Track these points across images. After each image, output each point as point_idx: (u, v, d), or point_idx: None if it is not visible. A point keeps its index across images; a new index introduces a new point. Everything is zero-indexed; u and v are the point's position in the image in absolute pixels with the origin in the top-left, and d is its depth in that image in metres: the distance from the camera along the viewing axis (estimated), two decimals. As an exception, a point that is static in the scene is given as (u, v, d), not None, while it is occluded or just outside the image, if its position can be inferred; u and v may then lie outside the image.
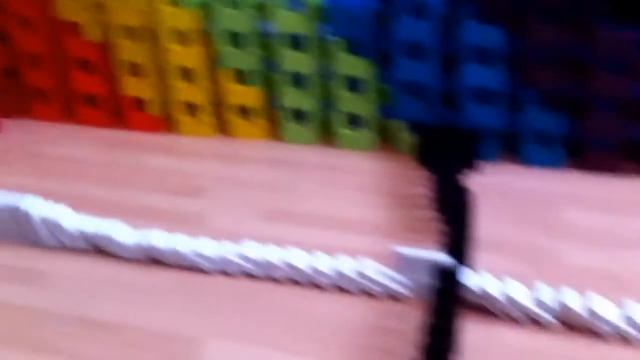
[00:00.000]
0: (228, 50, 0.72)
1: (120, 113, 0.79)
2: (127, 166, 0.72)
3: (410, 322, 0.53)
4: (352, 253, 0.57)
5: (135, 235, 0.59)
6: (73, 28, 0.75)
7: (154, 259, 0.59)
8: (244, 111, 0.76)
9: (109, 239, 0.59)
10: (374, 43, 0.69)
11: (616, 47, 0.63)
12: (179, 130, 0.77)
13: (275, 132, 0.76)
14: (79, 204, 0.65)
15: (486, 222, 0.60)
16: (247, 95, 0.74)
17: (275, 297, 0.56)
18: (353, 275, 0.55)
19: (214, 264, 0.58)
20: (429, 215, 0.63)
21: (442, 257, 0.52)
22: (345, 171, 0.70)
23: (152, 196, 0.67)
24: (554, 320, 0.51)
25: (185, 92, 0.75)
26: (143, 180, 0.70)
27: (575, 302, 0.50)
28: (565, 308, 0.50)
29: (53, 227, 0.60)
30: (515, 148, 0.69)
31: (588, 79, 0.65)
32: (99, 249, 0.60)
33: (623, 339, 0.50)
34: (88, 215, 0.62)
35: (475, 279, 0.52)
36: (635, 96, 0.64)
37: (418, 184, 0.67)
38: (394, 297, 0.55)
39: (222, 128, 0.77)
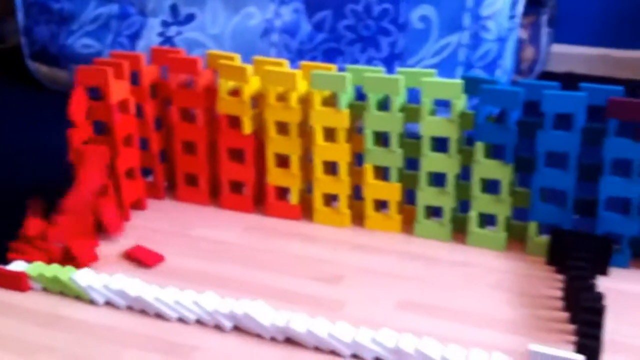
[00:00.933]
0: (373, 149, 0.77)
1: (262, 200, 0.84)
2: (267, 251, 0.76)
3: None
4: (484, 348, 0.58)
5: (275, 316, 0.63)
6: (230, 121, 0.81)
7: (291, 340, 0.62)
8: (380, 205, 0.80)
9: (250, 318, 0.63)
10: (516, 150, 0.72)
11: None
12: (317, 219, 0.81)
13: (408, 227, 0.79)
14: (219, 284, 0.70)
15: (616, 326, 0.62)
16: (386, 190, 0.78)
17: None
18: (486, 368, 0.56)
19: (348, 348, 0.60)
20: (561, 316, 0.64)
21: (576, 357, 0.53)
22: (477, 268, 0.72)
23: (290, 280, 0.71)
24: None
25: (327, 184, 0.80)
26: (282, 265, 0.74)
27: None
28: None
29: (197, 304, 0.65)
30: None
31: None
32: (239, 327, 0.64)
33: None
34: (229, 294, 0.66)
35: (608, 380, 0.54)
36: None
37: (550, 285, 0.69)
38: (525, 393, 0.56)
39: (358, 219, 0.81)
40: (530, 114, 0.72)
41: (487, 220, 0.76)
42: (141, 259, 0.73)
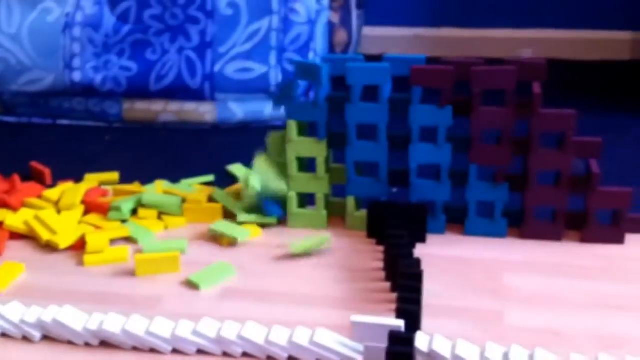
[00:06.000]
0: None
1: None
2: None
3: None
4: (309, 326, 0.57)
5: (87, 319, 0.58)
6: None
7: (106, 343, 0.58)
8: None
9: (60, 325, 0.58)
10: (328, 126, 0.72)
11: (552, 125, 0.67)
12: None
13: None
14: (26, 294, 0.65)
15: (435, 289, 0.63)
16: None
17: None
18: (308, 345, 0.55)
19: (168, 343, 0.57)
20: (383, 286, 0.64)
21: (395, 323, 0.53)
22: (298, 249, 0.71)
23: (101, 281, 0.67)
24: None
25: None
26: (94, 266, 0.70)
27: (523, 358, 0.52)
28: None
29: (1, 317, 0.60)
30: (461, 220, 0.72)
31: (528, 155, 0.69)
32: (49, 335, 0.59)
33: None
34: (35, 303, 0.61)
35: (427, 341, 0.53)
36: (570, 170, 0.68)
37: (371, 257, 0.69)
38: (350, 365, 0.55)
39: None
40: (340, 90, 0.72)
41: (308, 200, 0.75)
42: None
